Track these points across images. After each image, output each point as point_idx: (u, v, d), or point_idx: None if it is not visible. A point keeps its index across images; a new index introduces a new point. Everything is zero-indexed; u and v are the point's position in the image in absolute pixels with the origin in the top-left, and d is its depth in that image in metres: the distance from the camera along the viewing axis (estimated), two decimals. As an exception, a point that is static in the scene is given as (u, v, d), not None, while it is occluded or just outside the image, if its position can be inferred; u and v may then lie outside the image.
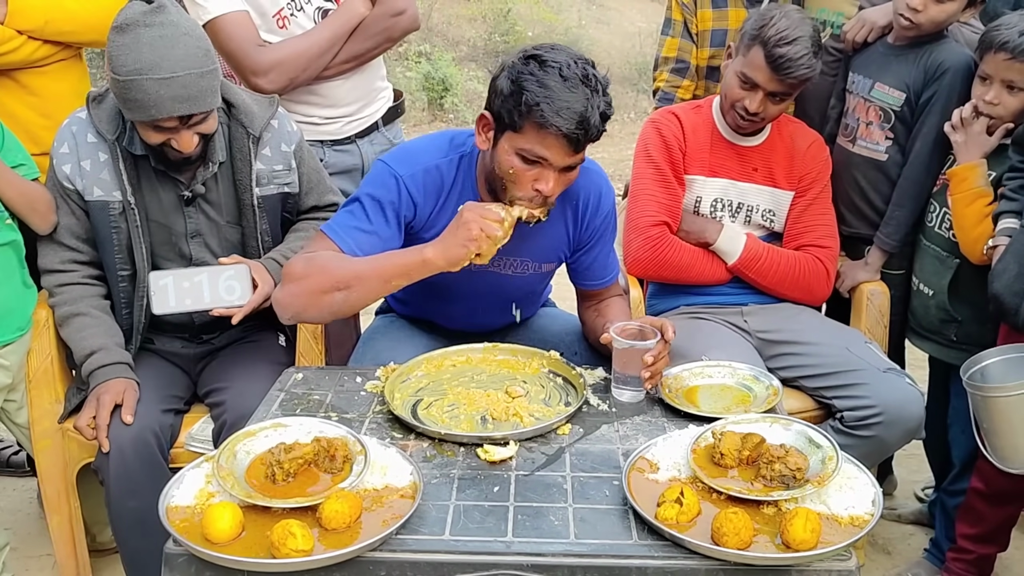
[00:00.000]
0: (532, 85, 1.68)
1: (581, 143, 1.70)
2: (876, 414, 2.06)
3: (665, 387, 1.80)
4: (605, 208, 2.02)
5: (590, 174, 1.97)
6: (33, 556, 2.54)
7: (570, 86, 1.67)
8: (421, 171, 1.89)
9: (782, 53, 2.15)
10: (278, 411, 1.75)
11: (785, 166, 2.39)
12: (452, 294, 2.04)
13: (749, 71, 2.21)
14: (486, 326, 2.16)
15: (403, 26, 2.50)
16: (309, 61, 2.37)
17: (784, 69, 2.16)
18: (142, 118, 1.91)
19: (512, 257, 1.97)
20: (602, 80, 1.72)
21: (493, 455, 1.56)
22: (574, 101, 1.66)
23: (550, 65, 1.68)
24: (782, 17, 2.19)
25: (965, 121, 2.19)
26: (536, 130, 1.69)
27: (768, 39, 2.16)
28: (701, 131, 2.38)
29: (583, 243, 2.03)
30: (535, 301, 2.24)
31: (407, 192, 1.87)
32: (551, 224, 1.93)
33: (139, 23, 1.86)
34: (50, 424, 2.18)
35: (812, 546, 1.28)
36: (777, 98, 2.24)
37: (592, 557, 1.31)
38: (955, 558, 2.27)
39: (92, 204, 2.07)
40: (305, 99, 2.48)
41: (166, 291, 2.03)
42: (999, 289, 1.96)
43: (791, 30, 2.16)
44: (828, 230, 2.42)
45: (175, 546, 1.34)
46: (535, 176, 1.74)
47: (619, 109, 9.54)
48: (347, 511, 1.34)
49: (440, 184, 1.90)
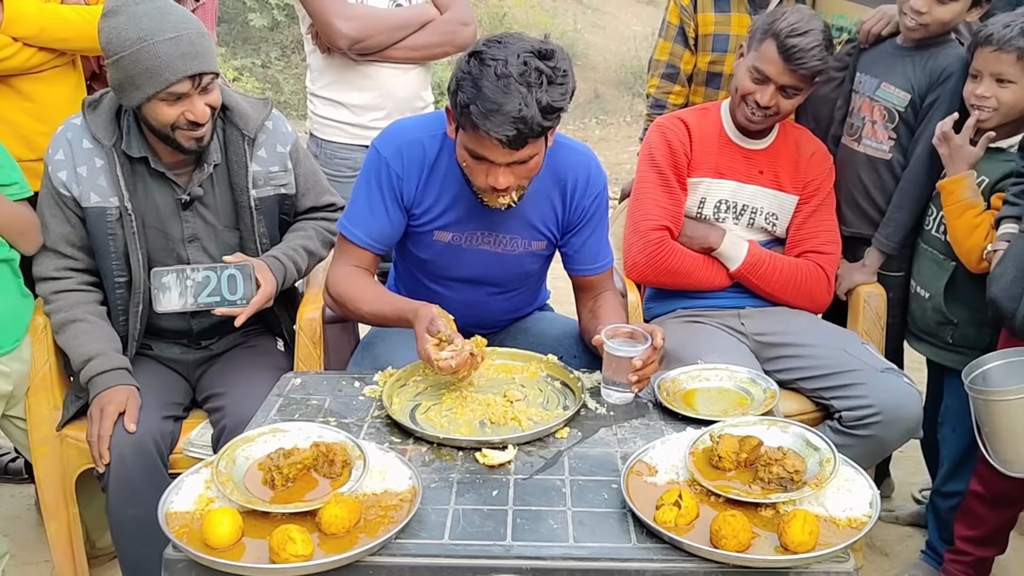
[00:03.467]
0: (467, 85, 1.68)
1: (517, 142, 1.68)
2: (874, 413, 2.07)
3: (663, 390, 1.80)
4: (594, 189, 2.01)
5: (579, 155, 1.99)
6: (32, 563, 2.53)
7: (503, 86, 1.64)
8: (403, 144, 1.93)
9: (794, 43, 2.18)
10: (277, 416, 1.75)
11: (790, 170, 2.40)
12: (448, 278, 2.06)
13: (761, 64, 2.23)
14: (486, 322, 2.17)
15: (466, 36, 2.69)
16: (386, 27, 2.58)
17: (796, 59, 2.19)
18: (156, 87, 1.91)
19: (501, 234, 1.99)
20: (550, 72, 1.68)
21: (492, 459, 1.56)
22: (506, 102, 1.64)
23: (488, 63, 1.67)
24: (793, 11, 2.23)
25: (946, 135, 2.20)
26: (472, 130, 1.70)
27: (780, 31, 2.19)
28: (708, 133, 2.39)
29: (573, 224, 2.04)
30: (531, 288, 2.23)
31: (390, 169, 1.93)
32: (538, 201, 1.97)
33: (129, 3, 1.92)
34: (48, 431, 2.17)
35: (810, 548, 1.29)
36: (788, 92, 2.26)
37: (591, 560, 1.32)
38: (953, 560, 2.28)
39: (89, 210, 2.07)
40: (359, 83, 2.64)
41: (168, 289, 2.02)
42: (997, 293, 1.97)
43: (803, 23, 2.19)
44: (831, 236, 2.42)
45: (175, 552, 1.34)
46: (485, 171, 1.77)
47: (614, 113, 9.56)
48: (346, 516, 1.34)
49: (422, 157, 1.93)
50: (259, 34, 9.19)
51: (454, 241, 1.99)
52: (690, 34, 2.77)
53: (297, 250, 2.19)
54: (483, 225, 1.98)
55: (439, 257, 1.96)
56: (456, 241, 1.99)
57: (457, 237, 1.98)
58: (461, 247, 1.94)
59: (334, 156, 2.70)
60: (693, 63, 2.80)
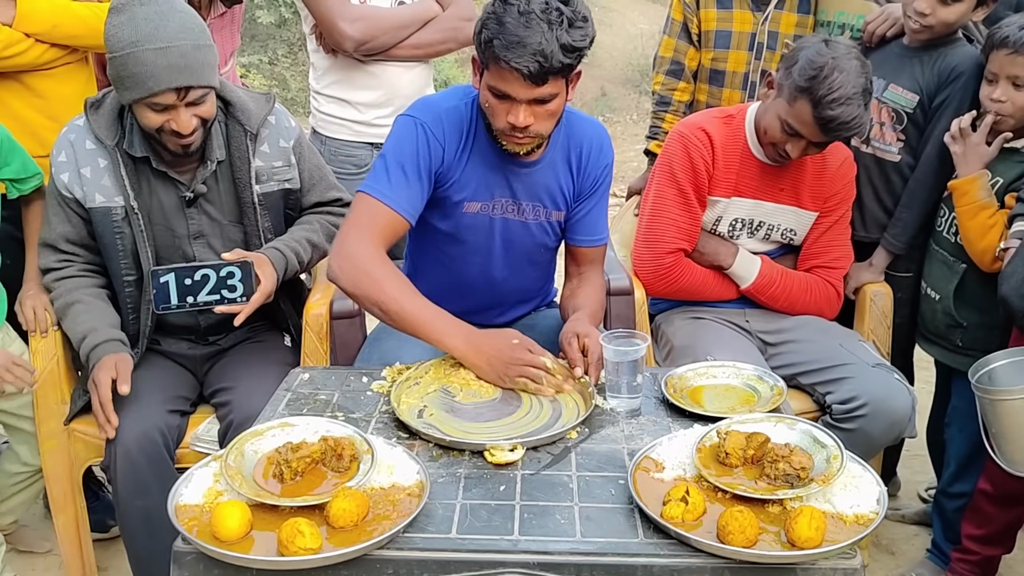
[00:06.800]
0: (491, 23, 1.74)
1: (538, 77, 1.73)
2: (860, 405, 2.07)
3: (670, 387, 1.80)
4: (605, 159, 2.07)
5: (592, 125, 2.07)
6: (39, 555, 2.55)
7: (525, 21, 1.71)
8: (442, 112, 1.95)
9: (834, 115, 2.02)
10: (285, 411, 1.75)
11: (813, 186, 2.33)
12: (471, 252, 2.07)
13: (794, 123, 2.09)
14: (499, 304, 2.18)
15: (469, 32, 2.70)
16: (391, 27, 2.59)
17: (834, 131, 2.07)
18: (140, 94, 1.91)
19: (524, 201, 2.02)
20: (571, 14, 1.74)
21: (500, 459, 1.56)
22: (528, 36, 1.70)
23: (511, 2, 1.73)
24: (834, 69, 2.01)
25: (964, 132, 2.18)
26: (496, 66, 1.75)
27: (819, 99, 2.01)
28: (731, 149, 2.30)
29: (583, 193, 2.07)
30: (543, 271, 2.23)
31: (433, 136, 1.92)
32: (558, 167, 2.01)
33: (135, 2, 1.90)
34: (56, 425, 2.18)
35: (817, 544, 1.29)
36: (821, 145, 2.17)
37: (598, 555, 1.32)
38: (960, 559, 2.28)
39: (94, 211, 2.08)
40: (364, 82, 2.64)
41: (167, 288, 2.02)
42: (1007, 292, 1.96)
43: (844, 88, 2.00)
44: (843, 251, 2.41)
45: (184, 544, 1.34)
46: (506, 110, 1.80)
47: (621, 111, 9.55)
48: (354, 509, 1.35)
49: (461, 122, 1.95)
50: (266, 31, 9.19)
51: (483, 211, 2.00)
52: (693, 30, 2.77)
53: (300, 242, 2.19)
54: (507, 193, 2.00)
55: (466, 230, 2.00)
56: (484, 211, 2.00)
57: (485, 207, 2.00)
58: (490, 216, 1.99)
59: (338, 153, 2.70)
60: (698, 59, 2.80)
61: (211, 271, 2.03)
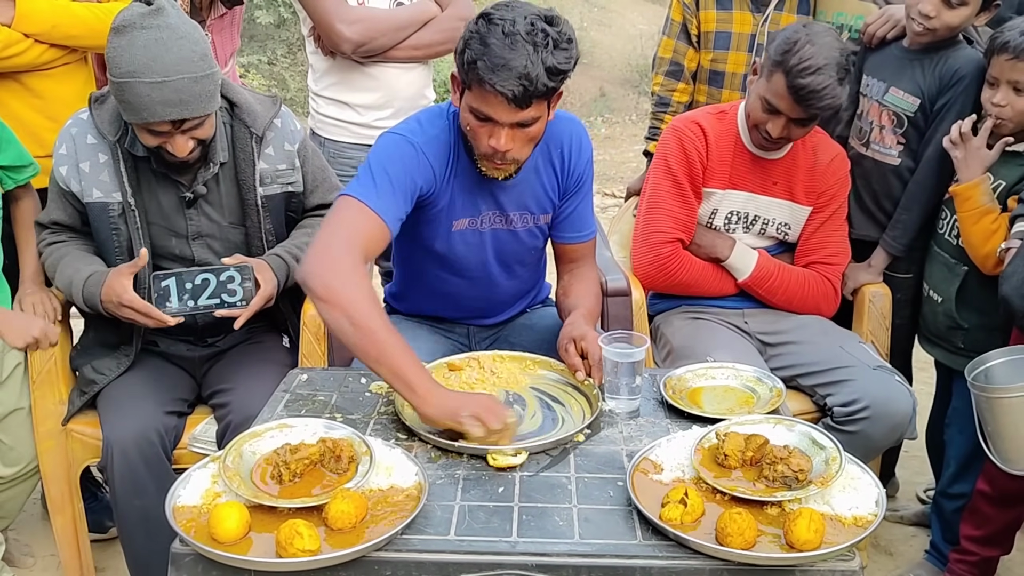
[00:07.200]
0: (475, 43, 1.70)
1: (522, 100, 1.69)
2: (862, 408, 2.07)
3: (669, 388, 1.80)
4: (586, 154, 2.05)
5: (569, 122, 2.02)
6: (37, 556, 2.54)
7: (510, 43, 1.66)
8: (432, 138, 1.90)
9: (805, 84, 2.05)
10: (283, 412, 1.75)
11: (805, 180, 2.35)
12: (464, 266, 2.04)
13: (771, 97, 2.14)
14: (495, 307, 2.18)
15: None
16: (389, 28, 2.58)
17: (806, 100, 2.08)
18: (135, 120, 1.92)
19: (511, 211, 1.99)
20: (556, 35, 1.70)
21: (502, 463, 1.55)
22: (513, 59, 1.66)
23: (496, 22, 1.69)
24: (807, 43, 2.07)
25: (964, 136, 2.18)
26: (479, 88, 1.71)
27: (791, 68, 2.06)
28: (724, 142, 2.33)
29: (568, 190, 2.05)
30: (534, 268, 2.22)
31: (425, 159, 1.88)
32: (541, 170, 1.98)
33: (136, 25, 1.86)
34: (54, 425, 2.18)
35: (816, 546, 1.29)
36: (801, 122, 2.18)
37: (597, 557, 1.32)
38: (958, 560, 2.28)
39: (91, 205, 2.08)
40: (363, 84, 2.63)
41: (168, 293, 2.03)
42: (1008, 292, 1.96)
43: (816, 58, 2.05)
44: (840, 247, 2.41)
45: (182, 545, 1.34)
46: (488, 132, 1.77)
47: (620, 112, 9.54)
48: (353, 511, 1.35)
49: (446, 144, 1.92)
50: (265, 31, 9.18)
51: (471, 226, 1.98)
52: (692, 31, 2.77)
53: (301, 248, 2.17)
54: (494, 205, 1.98)
55: (457, 249, 1.96)
56: (473, 226, 1.98)
57: (473, 222, 1.98)
58: (479, 231, 1.96)
59: (339, 155, 2.70)
60: (697, 60, 2.80)
61: (211, 275, 2.03)
